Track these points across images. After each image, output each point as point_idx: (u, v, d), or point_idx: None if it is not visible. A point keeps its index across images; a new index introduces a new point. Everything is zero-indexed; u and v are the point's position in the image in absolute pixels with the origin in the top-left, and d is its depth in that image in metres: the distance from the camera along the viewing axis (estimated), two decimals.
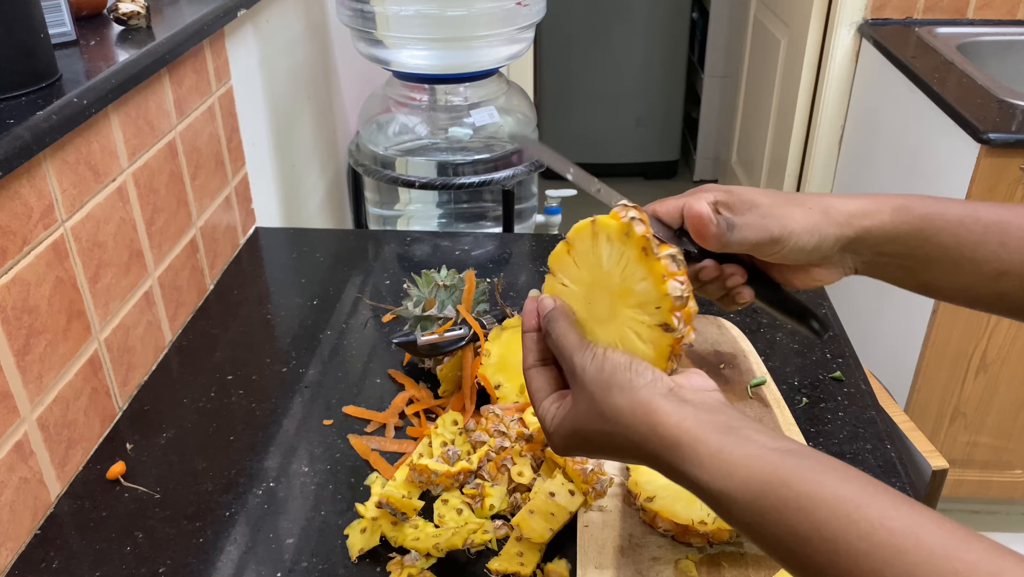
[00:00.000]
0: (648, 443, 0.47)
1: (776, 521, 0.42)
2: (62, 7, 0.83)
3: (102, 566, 0.70)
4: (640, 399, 0.48)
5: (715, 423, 0.46)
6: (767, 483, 0.43)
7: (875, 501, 0.40)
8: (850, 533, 0.39)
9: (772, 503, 0.42)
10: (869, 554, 0.38)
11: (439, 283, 0.89)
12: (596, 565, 0.67)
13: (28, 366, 0.72)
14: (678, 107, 3.50)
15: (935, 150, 1.67)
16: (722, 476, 0.44)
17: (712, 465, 0.45)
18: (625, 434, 0.48)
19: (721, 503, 0.45)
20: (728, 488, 0.44)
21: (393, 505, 0.68)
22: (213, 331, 1.01)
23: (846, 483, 0.42)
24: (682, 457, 0.46)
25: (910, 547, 0.38)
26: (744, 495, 0.43)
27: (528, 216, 1.69)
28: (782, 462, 0.43)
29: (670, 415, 0.47)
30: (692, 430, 0.46)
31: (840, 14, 2.03)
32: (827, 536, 0.40)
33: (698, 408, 0.47)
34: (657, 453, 0.47)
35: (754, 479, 0.43)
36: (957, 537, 0.38)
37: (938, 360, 1.71)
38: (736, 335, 0.94)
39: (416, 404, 0.87)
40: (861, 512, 0.40)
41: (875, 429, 0.84)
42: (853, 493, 0.41)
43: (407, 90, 1.53)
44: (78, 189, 0.78)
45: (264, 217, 1.26)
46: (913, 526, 0.39)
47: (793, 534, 0.41)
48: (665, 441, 0.46)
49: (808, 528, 0.41)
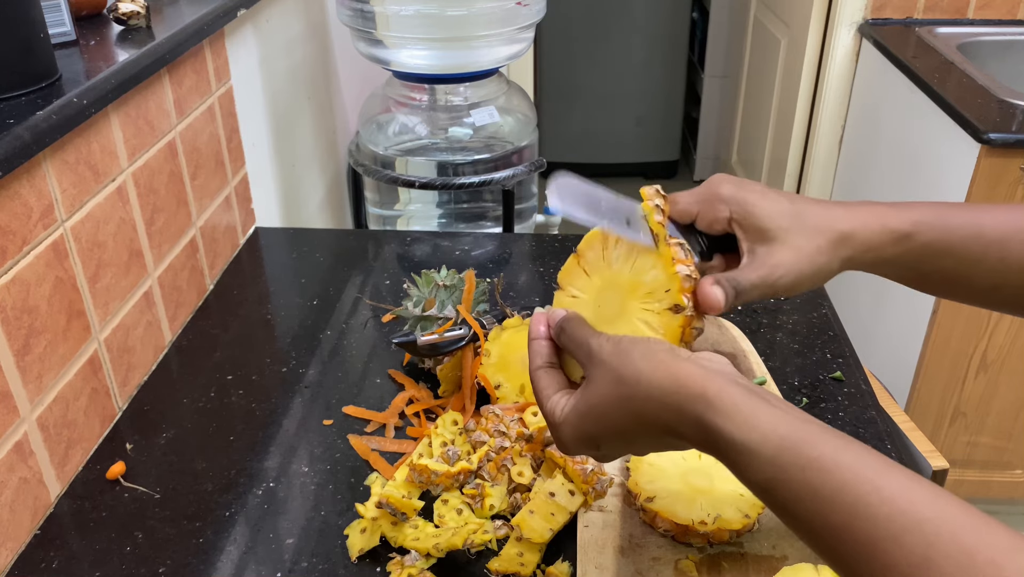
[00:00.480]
0: (671, 397, 0.47)
1: (797, 479, 0.42)
2: (62, 7, 0.83)
3: (102, 566, 0.70)
4: (661, 359, 0.48)
5: (738, 383, 0.46)
6: (790, 440, 0.43)
7: (897, 473, 0.40)
8: (872, 497, 0.39)
9: (794, 460, 0.42)
10: (890, 519, 0.38)
11: (439, 283, 0.89)
12: (596, 565, 0.67)
13: (28, 366, 0.72)
14: (678, 107, 3.50)
15: (935, 150, 1.67)
16: (748, 428, 0.44)
17: (737, 417, 0.44)
18: (647, 393, 0.47)
19: (743, 457, 0.44)
20: (752, 441, 0.44)
21: (393, 505, 0.68)
22: (213, 331, 1.01)
23: (869, 454, 0.42)
24: (708, 405, 0.45)
25: (933, 518, 0.38)
26: (766, 449, 0.43)
27: (528, 216, 1.69)
28: (805, 425, 0.44)
29: (693, 369, 0.47)
30: (717, 382, 0.46)
31: (840, 14, 2.03)
32: (848, 498, 0.40)
33: (720, 371, 0.47)
34: (681, 405, 0.46)
35: (776, 434, 0.43)
36: (976, 515, 0.38)
37: (938, 360, 1.71)
38: (736, 335, 0.94)
39: (416, 404, 0.87)
40: (884, 479, 0.40)
41: (875, 429, 0.84)
42: (876, 462, 0.41)
43: (407, 90, 1.53)
44: (78, 189, 0.78)
45: (264, 217, 1.26)
46: (935, 500, 0.39)
47: (813, 493, 0.41)
48: (690, 390, 0.46)
49: (831, 489, 0.41)
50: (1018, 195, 1.52)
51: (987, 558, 0.36)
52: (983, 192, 1.52)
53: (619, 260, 0.56)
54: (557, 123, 3.47)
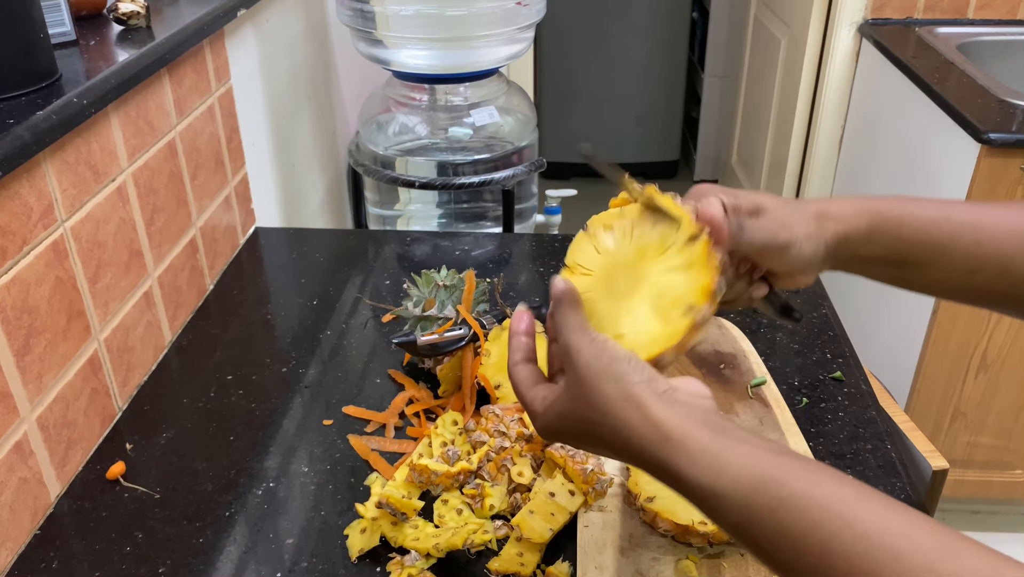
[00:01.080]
0: (635, 435, 0.46)
1: (769, 520, 0.41)
2: (62, 7, 0.83)
3: (102, 566, 0.70)
4: (632, 392, 0.47)
5: (706, 422, 0.46)
6: (760, 480, 0.42)
7: (871, 504, 0.40)
8: (845, 534, 0.39)
9: (765, 501, 0.41)
10: (865, 556, 0.38)
11: (439, 283, 0.89)
12: (596, 565, 0.67)
13: (28, 366, 0.72)
14: (678, 107, 3.50)
15: (935, 150, 1.67)
16: (713, 473, 0.43)
17: (703, 461, 0.44)
18: (612, 426, 0.47)
19: (710, 501, 0.44)
20: (719, 485, 0.43)
21: (393, 505, 0.68)
22: (213, 331, 1.01)
23: (841, 485, 0.41)
24: (671, 451, 0.45)
25: (907, 549, 0.37)
26: (735, 493, 0.42)
27: (528, 216, 1.69)
28: (775, 461, 0.43)
29: (660, 410, 0.46)
30: (683, 425, 0.45)
31: (840, 14, 2.03)
32: (822, 537, 0.39)
33: (690, 408, 0.47)
34: (644, 446, 0.46)
35: (746, 476, 0.42)
36: (953, 541, 0.37)
37: (938, 360, 1.71)
38: (736, 335, 0.94)
39: (416, 404, 0.87)
40: (857, 514, 0.39)
41: (875, 429, 0.84)
42: (849, 495, 0.40)
43: (407, 90, 1.53)
44: (78, 189, 0.78)
45: (264, 217, 1.26)
46: (910, 529, 0.38)
47: (785, 534, 0.41)
48: (654, 435, 0.45)
49: (802, 528, 0.40)
50: (1018, 195, 1.52)
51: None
52: (983, 192, 1.52)
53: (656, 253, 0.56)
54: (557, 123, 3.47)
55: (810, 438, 0.82)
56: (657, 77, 3.41)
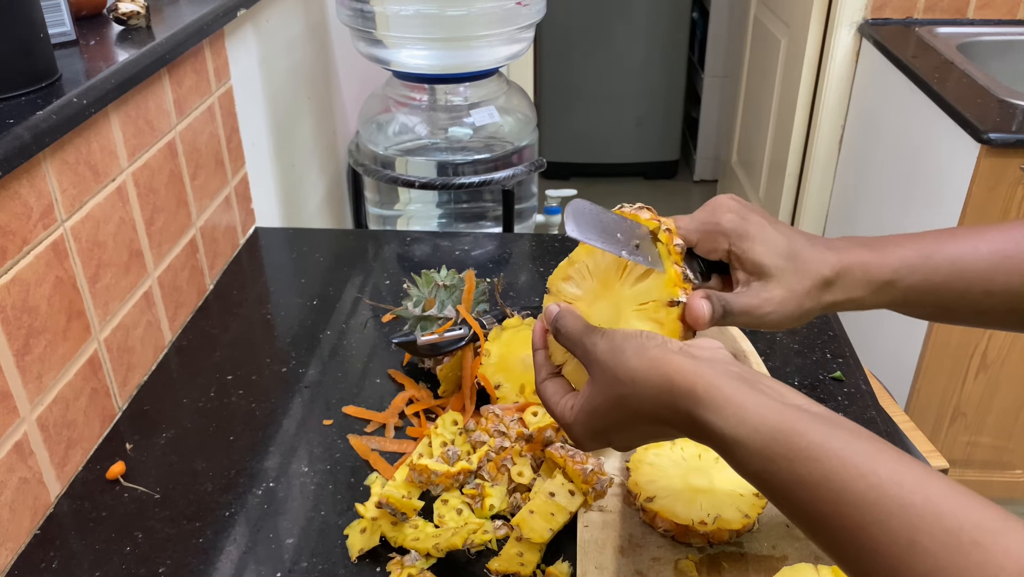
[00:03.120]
0: (663, 395, 0.48)
1: (786, 469, 0.43)
2: (62, 7, 0.83)
3: (102, 566, 0.70)
4: (652, 356, 0.49)
5: (729, 372, 0.47)
6: (778, 431, 0.43)
7: (885, 457, 0.41)
8: (859, 484, 0.40)
9: (782, 451, 0.43)
10: (876, 504, 0.39)
11: (439, 283, 0.89)
12: (596, 565, 0.67)
13: (28, 366, 0.72)
14: (678, 107, 3.50)
15: (935, 150, 1.67)
16: (736, 422, 0.45)
17: (727, 410, 0.45)
18: (641, 392, 0.49)
19: (733, 450, 0.45)
20: (740, 435, 0.45)
21: (393, 505, 0.68)
22: (213, 331, 1.01)
23: (857, 439, 0.42)
24: (697, 401, 0.46)
25: (917, 501, 0.38)
26: (755, 442, 0.44)
27: (528, 216, 1.69)
28: (794, 413, 0.44)
29: (683, 364, 0.48)
30: (707, 376, 0.47)
31: (840, 14, 2.03)
32: (835, 486, 0.40)
33: (711, 361, 0.48)
34: (674, 402, 0.47)
35: (765, 426, 0.44)
36: (964, 496, 0.38)
37: (938, 360, 1.71)
38: (736, 335, 0.94)
39: (416, 404, 0.87)
40: (870, 465, 0.40)
41: (875, 429, 0.84)
42: (864, 447, 0.42)
43: (407, 90, 1.53)
44: (78, 189, 0.78)
45: (264, 217, 1.26)
46: (922, 482, 0.39)
47: (801, 483, 0.42)
48: (680, 388, 0.47)
49: (818, 477, 0.41)
50: (1018, 195, 1.52)
51: (971, 538, 0.36)
52: (983, 192, 1.52)
53: (617, 277, 0.59)
54: (557, 123, 3.47)
55: None
56: (657, 77, 3.41)
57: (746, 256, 0.59)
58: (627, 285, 0.58)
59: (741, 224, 0.60)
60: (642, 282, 0.58)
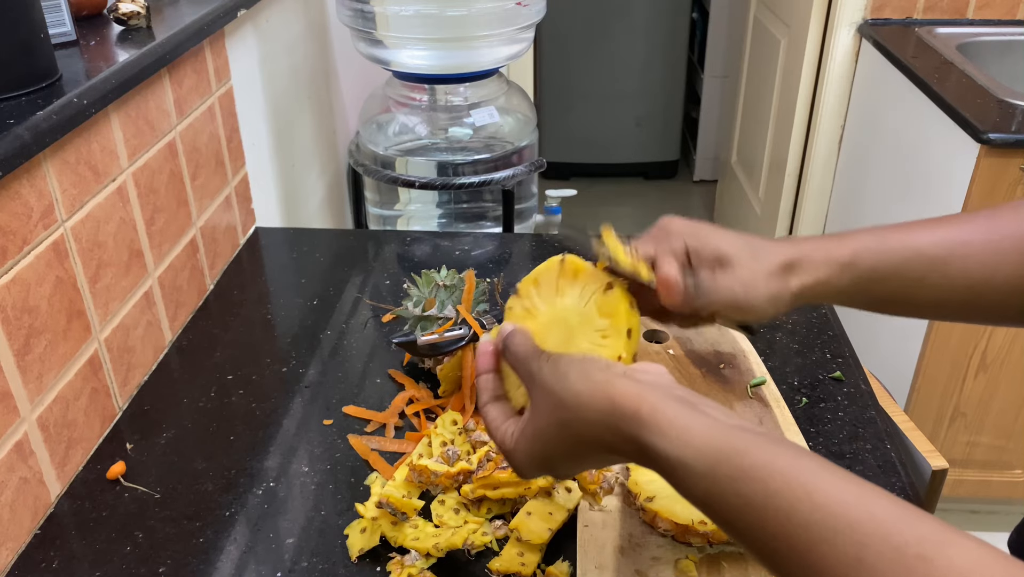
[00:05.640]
0: (608, 418, 0.48)
1: (731, 490, 0.42)
2: (62, 7, 0.83)
3: (102, 566, 0.70)
4: (596, 379, 0.49)
5: (672, 395, 0.47)
6: (722, 452, 0.43)
7: (829, 475, 0.41)
8: (804, 504, 0.40)
9: (727, 472, 0.43)
10: (822, 524, 0.39)
11: (439, 283, 0.89)
12: (596, 565, 0.67)
13: (28, 366, 0.72)
14: (678, 107, 3.50)
15: (935, 150, 1.67)
16: (681, 444, 0.45)
17: (671, 432, 0.45)
18: (585, 416, 0.49)
19: (678, 472, 0.45)
20: (686, 456, 0.44)
21: (393, 505, 0.68)
22: (213, 331, 1.01)
23: (800, 458, 0.42)
24: (641, 424, 0.46)
25: (864, 518, 0.38)
26: (700, 464, 0.44)
27: (528, 216, 1.69)
28: (738, 433, 0.44)
29: (628, 387, 0.47)
30: (650, 399, 0.47)
31: (840, 14, 2.03)
32: (781, 506, 0.40)
33: (655, 384, 0.48)
34: (618, 426, 0.47)
35: (710, 447, 0.44)
36: (909, 512, 0.38)
37: (938, 360, 1.71)
38: (736, 335, 0.94)
39: (416, 404, 0.87)
40: (816, 484, 0.40)
41: (875, 429, 0.84)
42: (808, 465, 0.42)
43: (407, 90, 1.53)
44: (78, 189, 0.78)
45: (264, 217, 1.26)
46: (866, 500, 0.39)
47: (748, 504, 0.42)
48: (624, 411, 0.47)
49: (763, 498, 0.41)
50: (1018, 195, 1.52)
51: (916, 553, 0.36)
52: (983, 192, 1.52)
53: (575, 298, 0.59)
54: (557, 123, 3.47)
55: (810, 438, 0.82)
56: (657, 77, 3.41)
57: (705, 246, 0.60)
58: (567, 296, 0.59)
59: (693, 226, 0.62)
60: (578, 282, 0.58)
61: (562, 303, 0.59)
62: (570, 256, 0.59)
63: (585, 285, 0.58)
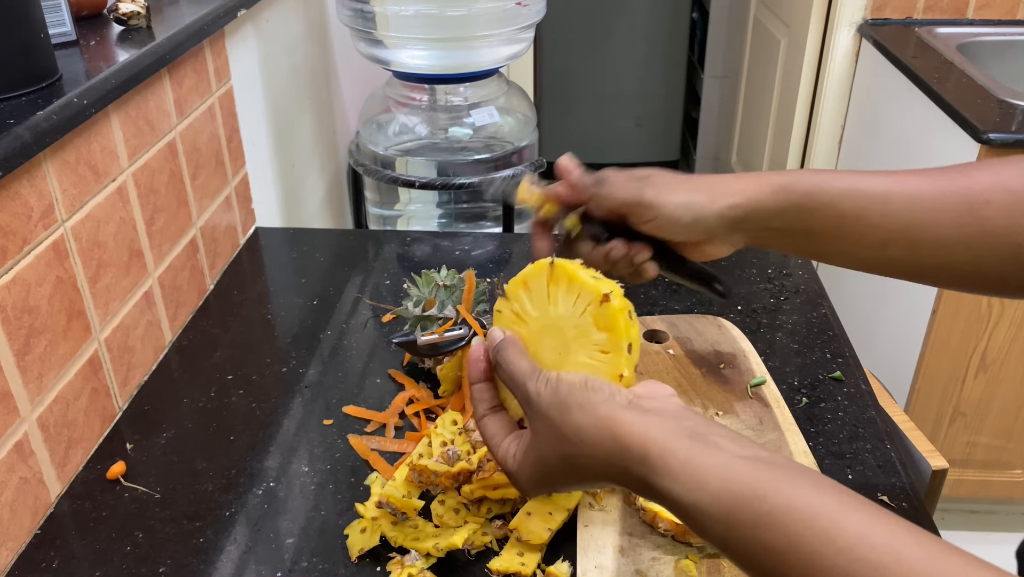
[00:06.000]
0: (614, 458, 0.46)
1: (751, 536, 0.41)
2: (62, 7, 0.83)
3: (102, 566, 0.70)
4: (600, 414, 0.47)
5: (681, 429, 0.45)
6: (740, 496, 0.41)
7: (853, 514, 0.39)
8: (828, 549, 0.38)
9: (746, 518, 0.41)
10: (848, 569, 0.37)
11: (439, 283, 0.89)
12: (596, 565, 0.67)
13: (28, 366, 0.72)
14: (678, 107, 3.50)
15: (935, 150, 1.67)
16: (694, 487, 0.43)
17: (684, 475, 0.43)
18: (590, 453, 0.47)
19: (693, 516, 0.43)
20: (701, 501, 0.43)
21: (393, 505, 0.68)
22: (213, 331, 1.01)
23: (820, 494, 0.41)
24: (651, 468, 0.44)
25: (890, 563, 0.37)
26: (717, 509, 0.42)
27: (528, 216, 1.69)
28: (754, 472, 0.42)
29: (633, 425, 0.45)
30: (659, 439, 0.45)
31: (840, 14, 2.03)
32: (804, 551, 0.39)
33: (662, 416, 0.46)
34: (626, 467, 0.45)
35: (726, 492, 0.42)
36: (937, 552, 0.37)
37: (938, 360, 1.71)
38: (736, 335, 0.94)
39: (416, 404, 0.87)
40: (839, 526, 0.39)
41: (875, 429, 0.84)
42: (830, 506, 0.40)
43: (407, 90, 1.53)
44: (78, 189, 0.78)
45: (264, 217, 1.26)
46: (893, 541, 0.38)
47: (767, 549, 0.40)
48: (632, 454, 0.45)
49: (784, 544, 0.39)
50: None
51: None
52: None
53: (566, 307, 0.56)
54: (557, 123, 3.47)
55: (810, 438, 0.82)
56: (657, 77, 3.41)
57: (643, 173, 0.60)
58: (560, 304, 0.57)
59: (644, 172, 0.62)
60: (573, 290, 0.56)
61: (555, 311, 0.57)
62: (559, 260, 0.56)
63: (579, 295, 0.56)
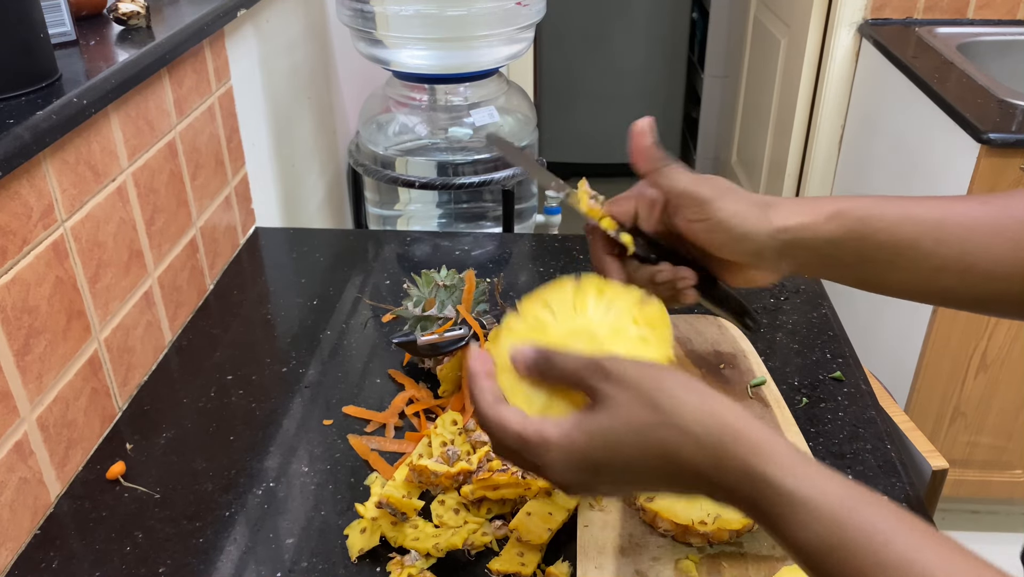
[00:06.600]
0: (712, 435, 0.43)
1: (863, 543, 0.39)
2: (62, 7, 0.83)
3: (102, 566, 0.70)
4: (701, 388, 0.45)
5: (781, 434, 0.44)
6: (852, 498, 0.41)
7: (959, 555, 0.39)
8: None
9: (859, 522, 0.40)
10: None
11: (439, 283, 0.89)
12: (596, 565, 0.67)
13: (28, 366, 0.72)
14: (678, 107, 3.50)
15: (935, 150, 1.67)
16: (805, 479, 0.41)
17: (794, 467, 0.42)
18: (685, 426, 0.43)
19: (798, 511, 0.41)
20: (812, 495, 0.41)
21: (393, 505, 0.68)
22: (213, 331, 1.01)
23: (939, 547, 0.39)
24: (756, 450, 0.42)
25: None
26: (827, 504, 0.40)
27: (528, 216, 1.69)
28: (859, 491, 0.42)
29: (735, 407, 0.44)
30: (760, 425, 0.43)
31: (840, 14, 2.03)
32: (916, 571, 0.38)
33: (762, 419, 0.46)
34: (724, 447, 0.43)
35: (836, 494, 0.41)
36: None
37: (938, 360, 1.71)
38: (736, 335, 0.94)
39: (416, 404, 0.87)
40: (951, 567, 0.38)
41: (875, 429, 0.84)
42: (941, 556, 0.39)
43: (407, 90, 1.53)
44: (78, 189, 0.78)
45: (264, 217, 1.26)
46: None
47: (878, 564, 0.39)
48: (737, 433, 0.43)
49: (896, 562, 0.39)
50: None
51: None
52: (983, 192, 1.52)
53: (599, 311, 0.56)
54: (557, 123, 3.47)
55: (810, 438, 0.82)
56: (657, 77, 3.41)
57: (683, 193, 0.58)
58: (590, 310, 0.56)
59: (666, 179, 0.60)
60: (603, 298, 0.55)
61: (582, 318, 0.55)
62: (586, 276, 0.56)
63: (614, 299, 0.55)
